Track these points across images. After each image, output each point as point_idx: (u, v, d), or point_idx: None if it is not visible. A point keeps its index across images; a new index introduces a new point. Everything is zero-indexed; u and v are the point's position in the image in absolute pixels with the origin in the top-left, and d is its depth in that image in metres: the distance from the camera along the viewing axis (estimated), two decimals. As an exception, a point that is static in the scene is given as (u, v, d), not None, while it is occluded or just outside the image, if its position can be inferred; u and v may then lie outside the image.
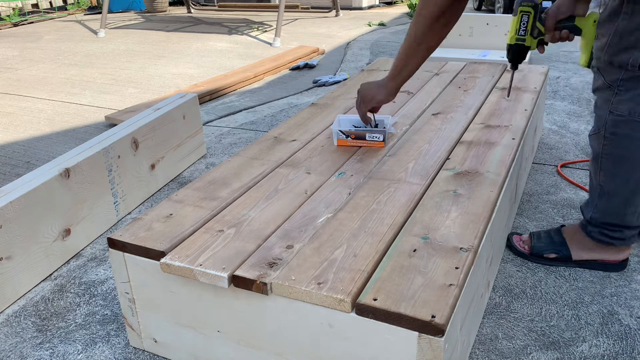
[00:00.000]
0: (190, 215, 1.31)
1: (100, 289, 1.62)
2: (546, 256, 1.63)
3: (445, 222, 1.24)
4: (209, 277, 1.10)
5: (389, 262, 1.10)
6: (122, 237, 1.23)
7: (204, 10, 7.29)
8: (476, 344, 1.35)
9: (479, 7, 6.22)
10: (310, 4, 7.16)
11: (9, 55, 4.84)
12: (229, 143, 2.67)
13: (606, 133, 1.42)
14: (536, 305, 1.47)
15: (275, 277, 1.07)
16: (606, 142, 1.43)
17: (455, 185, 1.41)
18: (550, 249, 1.63)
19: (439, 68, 2.52)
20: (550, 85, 3.40)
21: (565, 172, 2.21)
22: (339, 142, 1.68)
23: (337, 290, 1.02)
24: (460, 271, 1.07)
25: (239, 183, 1.46)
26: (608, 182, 1.47)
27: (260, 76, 3.88)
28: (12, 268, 1.57)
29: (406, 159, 1.57)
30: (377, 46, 4.75)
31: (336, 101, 2.12)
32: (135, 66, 4.35)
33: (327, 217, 1.28)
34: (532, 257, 1.66)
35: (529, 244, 1.68)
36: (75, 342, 1.41)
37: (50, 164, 1.78)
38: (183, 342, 1.28)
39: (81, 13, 7.31)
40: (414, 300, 0.99)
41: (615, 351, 1.31)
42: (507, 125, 1.80)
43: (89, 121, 3.10)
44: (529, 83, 2.23)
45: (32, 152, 2.66)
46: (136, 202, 2.09)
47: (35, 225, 1.63)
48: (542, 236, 1.67)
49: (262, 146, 1.70)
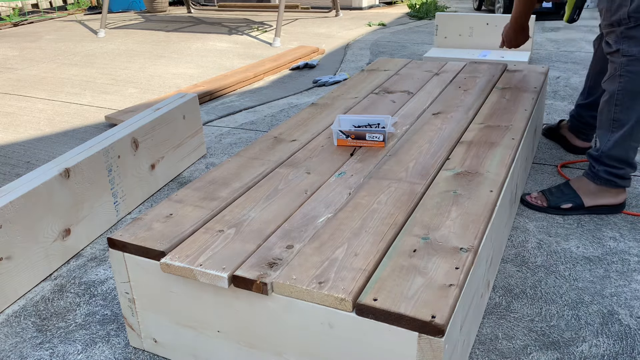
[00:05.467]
0: (190, 215, 1.31)
1: (100, 289, 1.62)
2: (563, 207, 1.88)
3: (445, 222, 1.24)
4: (209, 277, 1.10)
5: (389, 263, 1.10)
6: (122, 237, 1.23)
7: (204, 10, 7.29)
8: (476, 344, 1.35)
9: (479, 7, 6.22)
10: (310, 4, 7.16)
11: (9, 55, 4.84)
12: (229, 143, 2.67)
13: (621, 72, 1.70)
14: (536, 305, 1.47)
15: (275, 276, 1.07)
16: (622, 79, 1.71)
17: (456, 185, 1.41)
18: (565, 200, 1.88)
19: (439, 68, 2.52)
20: (550, 85, 3.40)
21: (565, 172, 2.21)
22: (339, 142, 1.68)
23: (338, 290, 1.02)
24: (461, 271, 1.07)
25: (239, 183, 1.46)
26: (623, 114, 1.73)
27: (260, 76, 3.88)
28: (12, 268, 1.57)
29: (406, 159, 1.57)
30: (377, 46, 4.75)
31: (336, 101, 2.12)
32: (135, 66, 4.35)
33: (327, 217, 1.28)
34: (550, 209, 1.90)
35: (544, 199, 1.91)
36: (75, 342, 1.41)
37: (50, 164, 1.78)
38: (183, 342, 1.28)
39: (81, 13, 7.31)
40: (414, 300, 0.99)
41: (615, 351, 1.31)
42: (507, 125, 1.80)
43: (89, 121, 3.10)
44: (529, 83, 2.23)
45: (32, 152, 2.66)
46: (136, 202, 2.09)
47: (35, 225, 1.63)
48: (554, 191, 1.92)
49: (262, 146, 1.70)
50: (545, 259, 1.67)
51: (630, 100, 1.71)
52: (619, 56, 1.71)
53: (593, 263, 1.65)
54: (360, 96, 2.16)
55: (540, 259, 1.67)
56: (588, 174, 1.88)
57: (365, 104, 2.07)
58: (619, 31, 1.69)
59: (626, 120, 1.73)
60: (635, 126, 1.73)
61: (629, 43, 1.67)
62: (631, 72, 1.69)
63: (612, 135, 1.77)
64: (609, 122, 1.78)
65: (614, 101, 1.74)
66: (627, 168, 1.80)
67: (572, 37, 4.73)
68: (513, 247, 1.74)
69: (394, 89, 2.23)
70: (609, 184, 1.83)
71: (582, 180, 1.90)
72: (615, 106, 1.74)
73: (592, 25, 5.32)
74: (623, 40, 1.69)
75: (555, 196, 1.90)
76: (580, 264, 1.64)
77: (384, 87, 2.26)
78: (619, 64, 1.71)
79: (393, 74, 2.44)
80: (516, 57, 3.62)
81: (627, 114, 1.73)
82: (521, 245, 1.74)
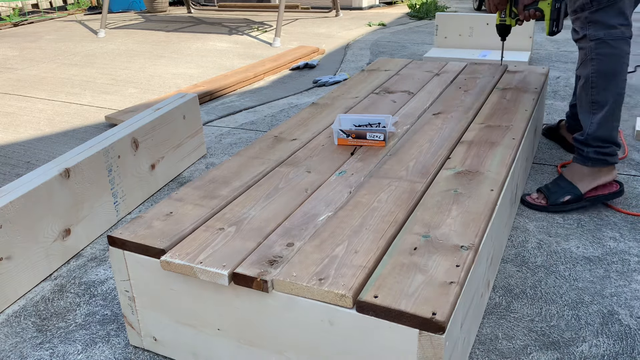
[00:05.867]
0: (191, 214, 1.31)
1: (100, 289, 1.62)
2: (562, 201, 1.88)
3: (446, 220, 1.24)
4: (209, 274, 1.10)
5: (389, 260, 1.10)
6: (122, 235, 1.23)
7: (204, 10, 7.29)
8: (476, 343, 1.35)
9: (479, 7, 6.22)
10: (310, 4, 7.16)
11: (9, 55, 4.84)
12: (229, 143, 2.67)
13: (592, 55, 1.76)
14: (536, 305, 1.47)
15: (276, 274, 1.07)
16: (593, 62, 1.76)
17: (456, 184, 1.41)
18: (562, 193, 1.89)
19: (439, 68, 2.52)
20: (550, 85, 3.40)
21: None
22: (340, 141, 1.68)
23: (338, 286, 1.02)
24: (461, 269, 1.07)
25: (240, 182, 1.46)
26: (600, 96, 1.78)
27: (260, 76, 3.88)
28: (12, 268, 1.57)
29: (407, 158, 1.57)
30: (377, 46, 4.75)
31: (336, 101, 2.12)
32: (135, 66, 4.35)
33: (327, 215, 1.28)
34: (551, 207, 1.90)
35: (543, 197, 1.92)
36: (75, 342, 1.41)
37: (50, 164, 1.78)
38: (183, 340, 1.28)
39: (81, 13, 7.31)
40: (415, 297, 0.99)
41: (615, 351, 1.31)
42: (508, 125, 1.80)
43: (89, 121, 3.10)
44: (530, 83, 2.23)
45: (32, 152, 2.66)
46: (136, 202, 2.09)
47: (35, 225, 1.63)
48: (550, 187, 1.93)
49: (262, 145, 1.70)
50: (545, 259, 1.67)
51: (604, 81, 1.77)
52: (587, 41, 1.77)
53: (593, 263, 1.64)
54: (360, 96, 2.16)
55: (540, 259, 1.67)
56: (577, 159, 1.90)
57: (366, 103, 2.07)
58: (583, 16, 1.75)
59: (604, 102, 1.78)
60: (614, 106, 1.78)
61: (595, 27, 1.73)
62: (600, 54, 1.75)
63: (593, 117, 1.82)
64: (588, 105, 1.82)
65: (590, 84, 1.79)
66: (613, 146, 1.84)
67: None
68: (513, 247, 1.74)
69: (395, 89, 2.23)
70: (599, 163, 1.86)
71: (574, 166, 1.91)
72: (592, 89, 1.79)
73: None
74: (589, 25, 1.75)
75: (553, 192, 1.91)
76: (580, 264, 1.64)
77: (385, 87, 2.26)
78: (588, 49, 1.77)
79: (393, 74, 2.44)
80: (516, 57, 3.62)
81: (604, 95, 1.78)
82: (521, 245, 1.74)
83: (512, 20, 2.23)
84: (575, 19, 1.80)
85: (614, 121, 1.81)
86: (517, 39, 3.78)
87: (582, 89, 1.83)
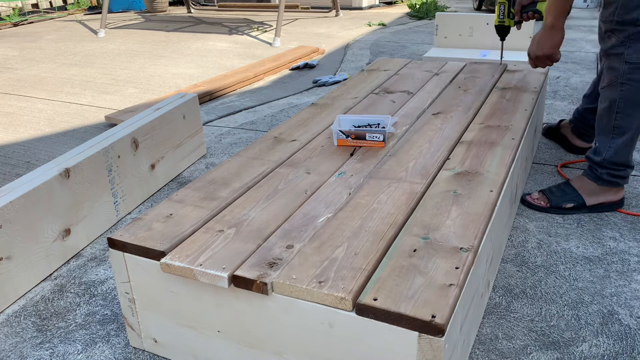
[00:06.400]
0: (191, 215, 1.31)
1: (100, 289, 1.62)
2: (564, 206, 1.88)
3: (445, 222, 1.24)
4: (209, 277, 1.10)
5: (389, 262, 1.10)
6: (122, 237, 1.23)
7: (204, 10, 7.29)
8: (476, 344, 1.35)
9: (479, 7, 6.22)
10: (310, 4, 7.16)
11: (9, 55, 4.84)
12: (229, 143, 2.67)
13: (623, 80, 1.68)
14: (536, 305, 1.47)
15: (275, 276, 1.07)
16: (623, 87, 1.69)
17: (456, 185, 1.41)
18: (567, 200, 1.89)
19: (438, 68, 2.52)
20: (550, 85, 3.40)
21: (565, 172, 2.21)
22: (339, 142, 1.68)
23: (338, 289, 1.02)
24: (461, 271, 1.07)
25: (239, 183, 1.46)
26: (624, 122, 1.74)
27: (260, 76, 3.88)
28: (12, 268, 1.57)
29: (406, 158, 1.57)
30: (377, 46, 4.75)
31: (336, 101, 2.12)
32: (135, 66, 4.35)
33: (327, 216, 1.28)
34: (552, 209, 1.90)
35: (545, 199, 1.92)
36: (75, 342, 1.41)
37: (50, 164, 1.78)
38: (183, 342, 1.28)
39: (81, 13, 7.30)
40: (414, 300, 0.99)
41: (615, 351, 1.31)
42: (507, 125, 1.80)
43: (89, 121, 3.10)
44: (529, 83, 2.23)
45: (32, 152, 2.66)
46: (136, 202, 2.09)
47: (35, 225, 1.63)
48: (554, 190, 1.93)
49: (262, 146, 1.70)
50: (545, 259, 1.67)
51: (631, 108, 1.71)
52: (621, 62, 1.67)
53: (593, 263, 1.65)
54: (360, 96, 2.16)
55: (540, 259, 1.67)
56: (589, 175, 1.88)
57: (365, 104, 2.07)
58: (632, 31, 1.62)
59: (628, 128, 1.75)
60: (635, 132, 1.76)
61: (636, 48, 1.63)
62: (632, 80, 1.67)
63: (613, 141, 1.79)
64: (609, 129, 1.78)
65: (615, 109, 1.74)
66: (628, 169, 1.84)
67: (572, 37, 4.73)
68: (513, 247, 1.74)
69: (394, 89, 2.23)
70: (611, 185, 1.86)
71: (584, 180, 1.90)
72: (617, 114, 1.74)
73: (592, 25, 5.32)
74: (631, 43, 1.63)
75: (557, 195, 1.91)
76: (580, 264, 1.64)
77: (384, 87, 2.26)
78: (621, 71, 1.69)
79: (393, 74, 2.44)
80: (516, 57, 3.62)
81: (628, 121, 1.73)
82: (521, 245, 1.74)
83: (510, 21, 2.26)
84: (619, 30, 1.65)
85: (632, 146, 1.79)
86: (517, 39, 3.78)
87: (605, 112, 1.78)
